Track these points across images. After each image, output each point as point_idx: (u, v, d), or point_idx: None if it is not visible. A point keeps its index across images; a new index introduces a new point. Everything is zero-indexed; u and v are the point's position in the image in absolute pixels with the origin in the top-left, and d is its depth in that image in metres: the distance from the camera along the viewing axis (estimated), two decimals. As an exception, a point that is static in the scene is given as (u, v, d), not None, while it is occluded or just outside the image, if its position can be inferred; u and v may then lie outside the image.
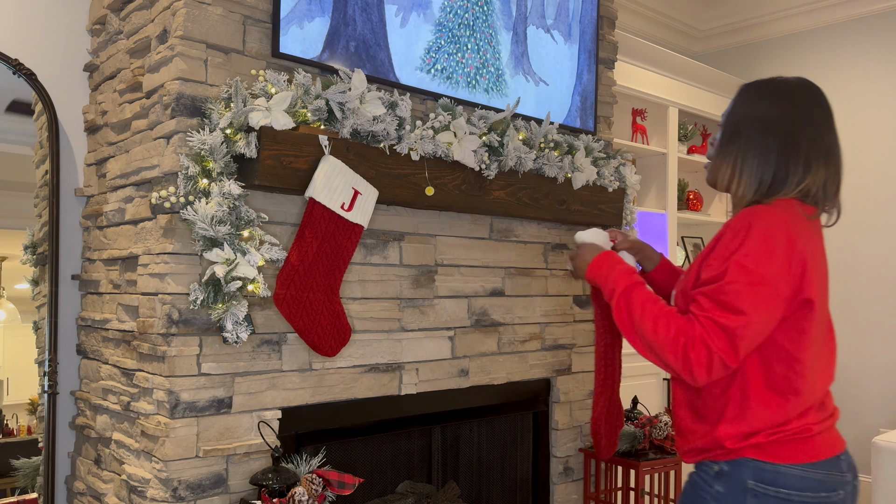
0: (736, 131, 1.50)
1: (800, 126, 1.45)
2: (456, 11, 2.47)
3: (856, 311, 4.22)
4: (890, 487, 2.83)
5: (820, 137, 1.45)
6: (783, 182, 1.44)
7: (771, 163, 1.44)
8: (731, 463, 1.41)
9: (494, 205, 2.42)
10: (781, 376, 1.40)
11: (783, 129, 1.45)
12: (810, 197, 1.45)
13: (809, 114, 1.46)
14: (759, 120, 1.47)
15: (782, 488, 1.37)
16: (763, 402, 1.40)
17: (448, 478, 2.57)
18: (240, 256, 1.85)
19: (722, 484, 1.41)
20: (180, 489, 1.87)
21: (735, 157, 1.48)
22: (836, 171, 1.48)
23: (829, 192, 1.46)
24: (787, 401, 1.39)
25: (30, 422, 2.33)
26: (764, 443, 1.39)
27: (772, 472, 1.37)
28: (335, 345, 2.06)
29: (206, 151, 1.84)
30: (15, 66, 2.29)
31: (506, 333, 2.66)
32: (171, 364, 1.87)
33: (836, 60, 4.35)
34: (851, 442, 4.20)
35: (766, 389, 1.40)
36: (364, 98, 2.06)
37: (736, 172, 1.48)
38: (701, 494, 1.45)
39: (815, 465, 1.38)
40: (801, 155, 1.44)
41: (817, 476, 1.38)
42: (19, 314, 2.36)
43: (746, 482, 1.39)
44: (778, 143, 1.44)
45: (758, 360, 1.41)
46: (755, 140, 1.46)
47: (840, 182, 1.49)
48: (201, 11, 1.94)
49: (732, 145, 1.49)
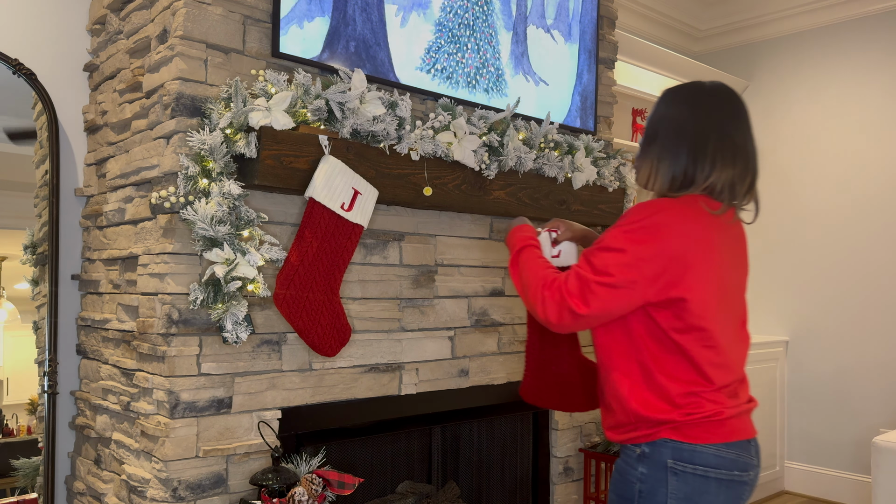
0: (654, 133, 1.61)
1: (709, 127, 1.55)
2: (456, 11, 2.47)
3: (856, 311, 4.22)
4: (890, 487, 2.83)
5: (729, 137, 1.55)
6: (692, 180, 1.54)
7: (681, 161, 1.55)
8: (650, 445, 1.51)
9: (494, 205, 2.42)
10: (673, 356, 1.51)
11: (693, 130, 1.55)
12: (716, 193, 1.55)
13: (719, 116, 1.56)
14: (673, 121, 1.59)
15: (699, 465, 1.48)
16: (662, 378, 1.51)
17: (448, 478, 2.57)
18: (240, 256, 1.85)
19: (644, 465, 1.52)
20: (180, 489, 1.87)
21: (653, 157, 1.60)
22: (746, 170, 1.56)
23: (738, 189, 1.55)
24: (681, 378, 1.50)
25: (30, 422, 2.33)
26: (680, 424, 1.49)
27: (689, 451, 1.48)
28: (335, 345, 2.06)
29: (205, 151, 1.84)
30: (15, 65, 2.29)
31: (506, 333, 2.66)
32: (170, 364, 1.87)
33: (836, 60, 4.35)
34: (851, 442, 4.20)
35: (658, 367, 1.52)
36: (364, 98, 2.06)
37: (653, 171, 1.60)
38: (627, 478, 1.56)
39: (728, 446, 1.50)
40: (708, 154, 1.53)
41: (730, 455, 1.50)
42: (19, 314, 2.36)
43: (666, 461, 1.49)
44: (688, 143, 1.55)
45: (650, 340, 1.52)
46: (669, 140, 1.57)
47: (752, 180, 1.57)
48: (201, 11, 1.94)
49: (651, 146, 1.61)
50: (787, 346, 4.49)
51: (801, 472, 4.40)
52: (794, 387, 4.46)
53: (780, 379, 4.44)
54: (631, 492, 1.54)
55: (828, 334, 4.33)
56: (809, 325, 4.41)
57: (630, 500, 1.54)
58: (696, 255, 1.49)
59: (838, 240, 4.30)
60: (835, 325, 4.30)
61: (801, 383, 4.43)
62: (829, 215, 4.35)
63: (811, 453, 4.37)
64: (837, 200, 4.32)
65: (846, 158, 4.29)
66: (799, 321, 4.46)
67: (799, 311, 4.46)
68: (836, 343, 4.30)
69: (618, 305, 1.50)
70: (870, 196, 4.19)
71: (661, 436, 1.50)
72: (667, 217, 1.50)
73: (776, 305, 4.56)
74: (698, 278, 1.49)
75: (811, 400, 4.38)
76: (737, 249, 1.61)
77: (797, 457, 4.44)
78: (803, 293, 4.44)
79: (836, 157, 4.33)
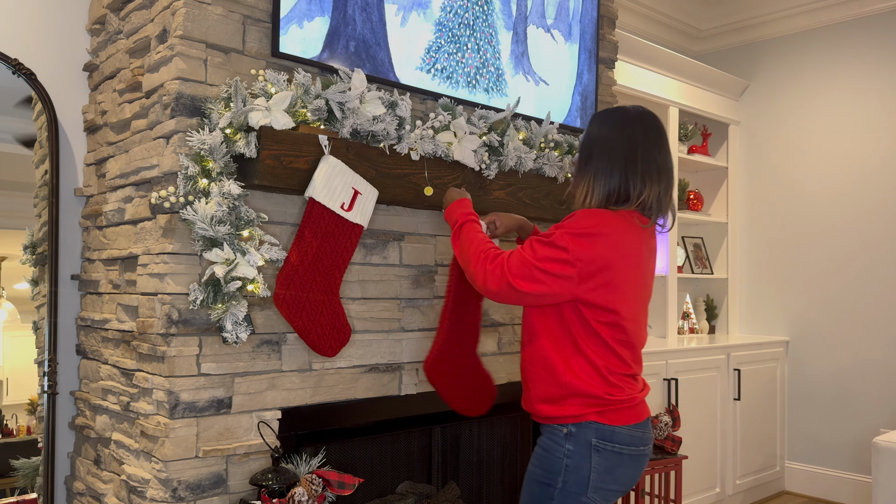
0: (588, 154, 1.82)
1: (636, 148, 1.77)
2: (456, 11, 2.47)
3: (856, 311, 4.22)
4: (890, 487, 2.83)
5: (653, 157, 1.77)
6: (626, 196, 1.77)
7: (615, 179, 1.77)
8: (577, 425, 1.75)
9: (494, 205, 2.42)
10: (598, 352, 1.75)
11: (624, 151, 1.77)
12: (647, 209, 1.78)
13: (644, 138, 1.78)
14: (605, 143, 1.80)
15: (616, 443, 1.75)
16: (594, 357, 1.74)
17: (448, 478, 2.57)
18: (239, 256, 1.85)
19: (571, 443, 1.75)
20: (180, 489, 1.87)
21: (589, 176, 1.81)
22: (668, 185, 1.80)
23: (663, 203, 1.80)
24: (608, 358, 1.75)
25: (29, 422, 2.33)
26: (604, 408, 1.73)
27: (609, 431, 1.74)
28: (335, 345, 2.06)
29: (205, 151, 1.84)
30: (15, 65, 2.28)
31: (506, 333, 2.66)
32: (170, 364, 1.87)
33: (836, 60, 4.35)
34: (851, 442, 4.20)
35: (585, 361, 1.74)
36: (364, 98, 2.06)
37: (589, 189, 1.80)
38: (554, 454, 1.77)
39: (637, 426, 1.78)
40: (638, 172, 1.76)
41: (637, 434, 1.78)
42: (19, 314, 2.36)
43: (591, 440, 1.74)
44: (620, 163, 1.77)
45: (580, 329, 1.75)
46: (603, 161, 1.78)
47: (672, 194, 1.82)
48: (201, 11, 1.94)
49: (587, 166, 1.82)
50: (787, 346, 4.49)
51: (802, 473, 4.40)
52: (795, 387, 4.46)
53: (780, 379, 4.44)
54: (558, 466, 1.75)
55: (828, 334, 4.33)
56: (809, 325, 4.41)
57: (556, 473, 1.76)
58: (625, 264, 1.74)
59: (838, 240, 4.30)
60: (835, 325, 4.30)
61: (802, 383, 4.43)
62: (829, 215, 4.35)
63: (811, 453, 4.37)
64: (838, 200, 4.31)
65: (846, 158, 4.29)
66: (799, 321, 4.46)
67: (799, 311, 4.46)
68: (836, 343, 4.30)
69: (550, 291, 1.72)
70: (870, 196, 4.19)
71: (588, 418, 1.74)
72: (607, 229, 1.72)
73: (776, 305, 4.56)
74: (623, 281, 1.73)
75: (811, 400, 4.38)
76: (652, 262, 1.87)
77: (797, 457, 4.44)
78: (803, 293, 4.44)
79: (837, 157, 4.33)
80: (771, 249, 4.59)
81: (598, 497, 1.75)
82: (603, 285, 1.72)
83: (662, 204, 1.79)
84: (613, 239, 1.72)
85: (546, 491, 1.77)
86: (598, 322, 1.74)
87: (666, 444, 2.81)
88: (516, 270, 1.72)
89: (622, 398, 1.75)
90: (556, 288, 1.72)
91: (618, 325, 1.75)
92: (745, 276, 4.71)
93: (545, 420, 1.81)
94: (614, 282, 1.72)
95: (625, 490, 1.81)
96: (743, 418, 4.12)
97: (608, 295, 1.72)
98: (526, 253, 1.73)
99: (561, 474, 1.75)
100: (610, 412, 1.74)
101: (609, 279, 1.72)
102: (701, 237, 4.79)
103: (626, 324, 1.76)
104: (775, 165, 4.59)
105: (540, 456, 1.81)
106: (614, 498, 1.80)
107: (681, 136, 4.38)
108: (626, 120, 1.81)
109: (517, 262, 1.73)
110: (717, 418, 3.94)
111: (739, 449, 4.08)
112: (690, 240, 4.69)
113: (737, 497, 4.10)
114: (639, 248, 1.78)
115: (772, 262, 4.58)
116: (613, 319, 1.74)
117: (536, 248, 1.73)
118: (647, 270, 1.85)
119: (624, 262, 1.74)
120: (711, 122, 4.68)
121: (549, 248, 1.71)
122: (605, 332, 1.74)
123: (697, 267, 4.62)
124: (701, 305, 4.70)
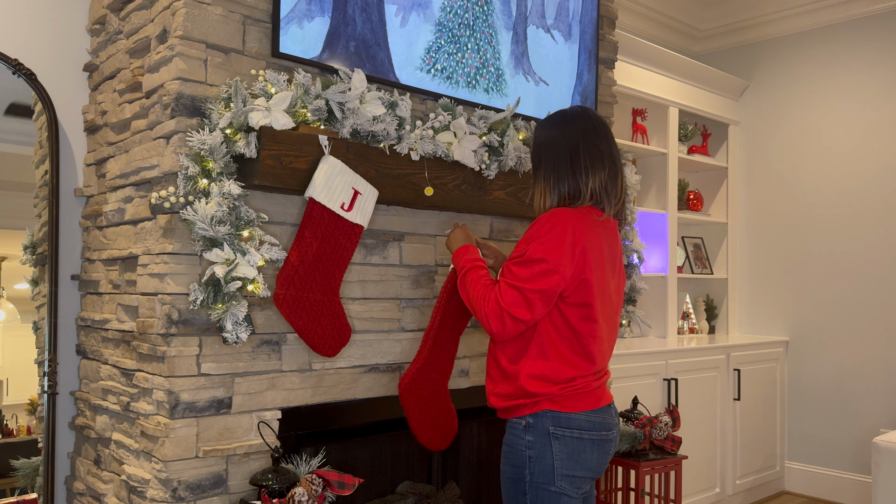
0: (538, 158, 1.89)
1: (577, 140, 1.83)
2: (456, 11, 2.47)
3: (856, 312, 4.22)
4: (890, 487, 2.83)
5: (595, 146, 1.83)
6: (578, 190, 1.82)
7: (564, 175, 1.83)
8: (534, 416, 1.80)
9: (494, 205, 2.42)
10: (567, 343, 1.80)
11: (567, 145, 1.83)
12: (598, 200, 1.83)
13: (584, 130, 1.84)
14: (549, 143, 1.86)
15: (575, 429, 1.79)
16: (553, 361, 1.79)
17: (448, 478, 2.57)
18: (239, 256, 1.85)
19: (530, 433, 1.80)
20: (180, 489, 1.87)
21: (541, 179, 1.87)
22: (614, 172, 1.85)
23: (611, 192, 1.84)
24: (570, 362, 1.80)
25: (29, 422, 2.33)
26: (557, 396, 1.78)
27: (566, 418, 1.79)
28: (335, 345, 2.06)
29: (205, 151, 1.84)
30: (15, 66, 2.29)
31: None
32: (170, 364, 1.87)
33: (835, 60, 4.35)
34: (851, 442, 4.20)
35: (553, 351, 1.79)
36: (364, 98, 2.06)
37: (545, 191, 1.86)
38: (517, 448, 1.82)
39: (595, 412, 1.82)
40: (581, 163, 1.81)
41: (596, 419, 1.82)
42: (19, 314, 2.36)
43: (548, 428, 1.79)
44: (565, 156, 1.83)
45: (551, 328, 1.79)
46: (550, 160, 1.85)
47: (620, 182, 1.86)
48: (201, 11, 1.94)
49: (539, 170, 1.88)
50: (787, 346, 4.49)
51: (802, 473, 4.40)
52: (795, 387, 4.46)
53: (780, 379, 4.44)
54: (522, 459, 1.80)
55: (828, 334, 4.33)
56: (809, 326, 4.41)
57: (522, 466, 1.80)
58: (591, 253, 1.78)
59: (838, 240, 4.30)
60: (835, 325, 4.30)
61: (802, 383, 4.43)
62: (829, 215, 4.35)
63: (811, 453, 4.37)
64: (837, 200, 4.31)
65: (846, 158, 4.29)
66: (799, 321, 4.46)
67: (799, 311, 4.46)
68: (836, 343, 4.30)
69: (551, 304, 1.78)
70: (870, 196, 4.19)
71: (542, 407, 1.79)
72: (567, 219, 1.76)
73: (776, 306, 4.56)
74: (592, 273, 1.78)
75: (811, 400, 4.38)
76: (617, 257, 1.91)
77: (797, 457, 4.44)
78: (803, 293, 4.44)
79: (836, 157, 4.33)
80: (771, 249, 4.59)
81: (566, 485, 1.78)
82: (582, 281, 1.77)
83: (608, 190, 1.83)
84: (578, 229, 1.76)
85: (518, 486, 1.81)
86: (571, 317, 1.79)
87: (666, 444, 2.81)
88: (509, 299, 1.76)
89: (577, 387, 1.80)
90: (552, 301, 1.77)
91: (590, 318, 1.80)
92: (745, 276, 4.71)
93: (502, 413, 1.87)
94: (586, 275, 1.77)
95: (593, 476, 1.84)
96: (743, 418, 4.12)
97: (583, 288, 1.78)
98: (508, 279, 1.78)
99: (526, 466, 1.79)
100: (563, 399, 1.79)
101: (585, 275, 1.77)
102: (701, 237, 4.79)
103: (600, 318, 1.81)
104: (775, 165, 4.59)
105: (506, 453, 1.86)
106: (584, 485, 1.83)
107: (681, 136, 4.38)
108: (566, 119, 1.88)
109: (506, 292, 1.77)
110: (716, 418, 3.94)
111: (739, 449, 4.08)
112: (690, 240, 4.69)
113: (736, 497, 4.11)
114: (599, 241, 1.82)
115: (772, 262, 4.59)
116: (587, 313, 1.79)
117: (516, 271, 1.77)
118: (613, 268, 1.89)
119: (591, 255, 1.79)
120: (711, 122, 4.68)
121: (529, 267, 1.75)
122: (578, 325, 1.79)
123: (697, 267, 4.62)
124: (701, 305, 4.71)
